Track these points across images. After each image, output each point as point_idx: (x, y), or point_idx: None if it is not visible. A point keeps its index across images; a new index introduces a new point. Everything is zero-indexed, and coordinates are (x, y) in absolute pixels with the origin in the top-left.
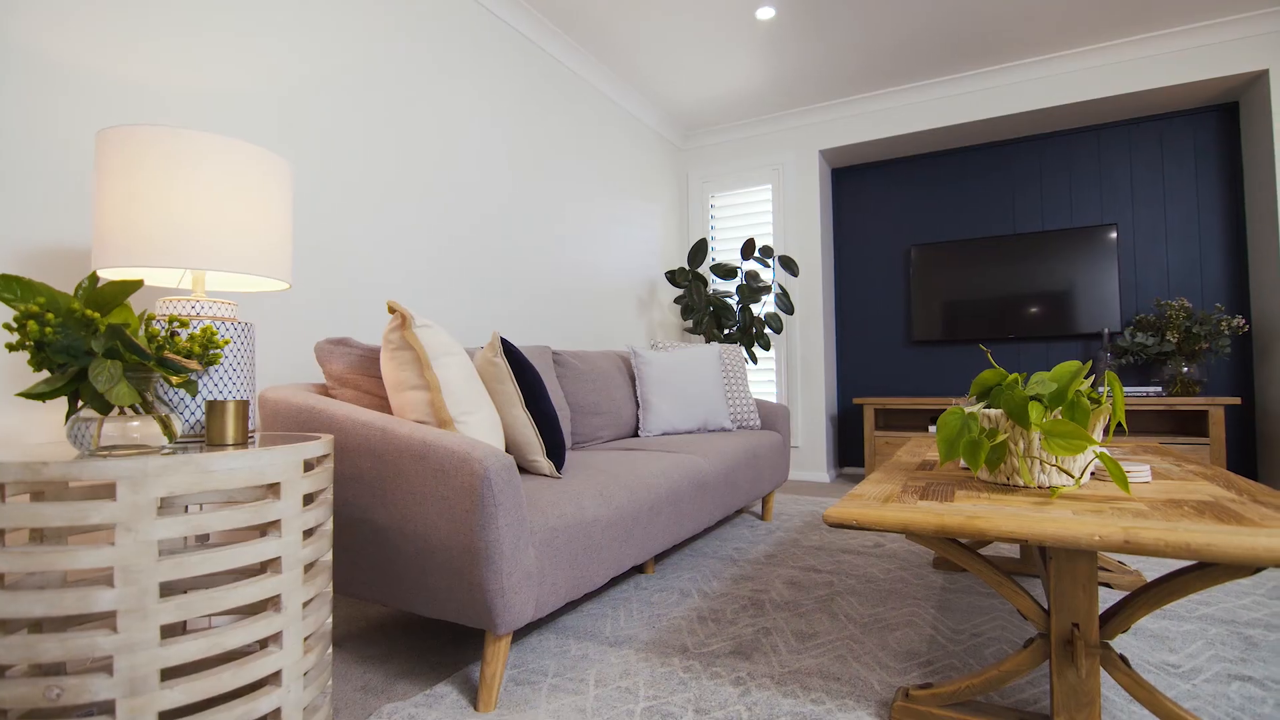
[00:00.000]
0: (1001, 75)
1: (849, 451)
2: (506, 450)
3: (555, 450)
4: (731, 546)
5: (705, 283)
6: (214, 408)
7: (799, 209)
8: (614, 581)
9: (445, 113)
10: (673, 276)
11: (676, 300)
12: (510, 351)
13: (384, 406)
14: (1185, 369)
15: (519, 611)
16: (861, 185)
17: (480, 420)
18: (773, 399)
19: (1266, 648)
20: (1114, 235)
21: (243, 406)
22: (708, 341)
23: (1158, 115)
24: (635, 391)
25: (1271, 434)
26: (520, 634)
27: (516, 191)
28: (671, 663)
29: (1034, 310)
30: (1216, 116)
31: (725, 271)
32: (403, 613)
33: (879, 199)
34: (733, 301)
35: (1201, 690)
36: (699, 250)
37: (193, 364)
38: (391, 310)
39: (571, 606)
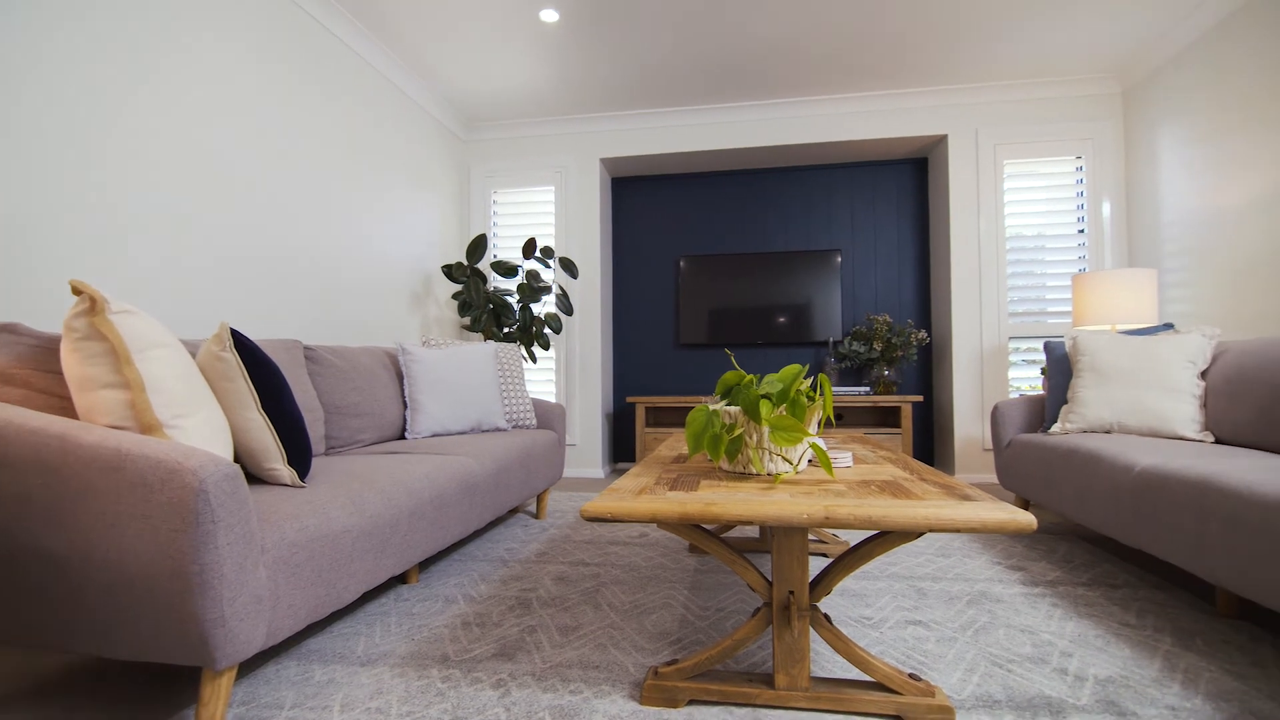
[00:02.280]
0: (757, 111)
1: (623, 448)
2: (236, 459)
3: (299, 456)
4: (503, 547)
5: (485, 280)
6: None
7: (580, 213)
8: (371, 595)
9: (195, 71)
10: (450, 271)
11: (454, 296)
12: (242, 344)
13: (67, 410)
14: (886, 372)
15: (245, 641)
16: (639, 196)
17: (199, 424)
18: (552, 398)
19: (933, 596)
20: (839, 259)
21: None
22: (487, 340)
23: (873, 162)
24: (403, 391)
25: (943, 424)
26: (252, 665)
27: (271, 166)
28: (430, 674)
29: (781, 320)
30: (912, 168)
31: (506, 269)
32: (94, 658)
33: (654, 210)
34: (513, 300)
35: (886, 636)
36: (478, 246)
37: None
38: (77, 291)
39: (318, 627)
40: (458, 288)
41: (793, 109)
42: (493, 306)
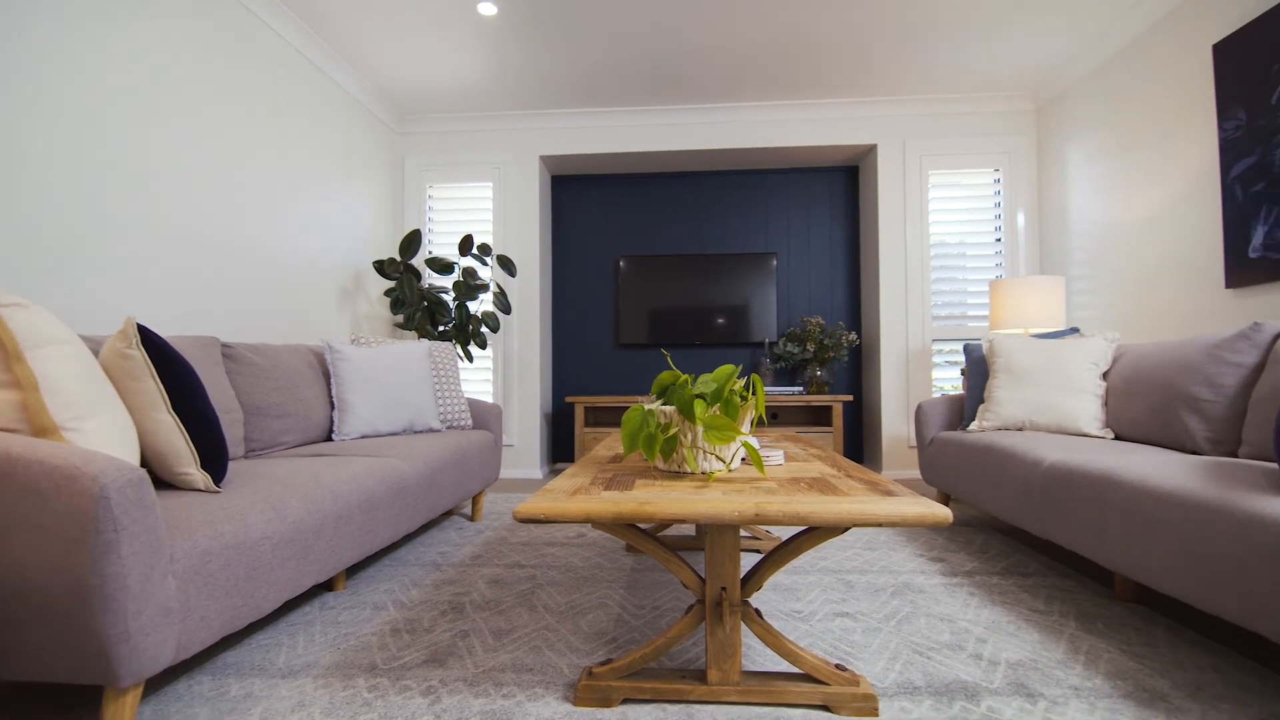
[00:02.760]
0: (697, 115)
1: (562, 448)
2: (143, 463)
3: (214, 459)
4: (437, 551)
5: (419, 276)
6: None
7: (519, 210)
8: (293, 604)
9: (92, 46)
10: (382, 267)
11: (387, 293)
12: (151, 341)
13: None
14: (819, 373)
15: (152, 656)
16: (579, 195)
17: (101, 426)
18: (489, 398)
19: (860, 588)
20: (775, 262)
21: None
22: (421, 338)
23: (807, 169)
24: (330, 391)
25: (872, 423)
26: (161, 681)
27: (185, 152)
28: (356, 684)
29: (720, 321)
30: (844, 175)
31: (441, 266)
32: None
33: (594, 210)
34: (449, 298)
35: (816, 628)
36: (412, 241)
37: None
38: None
39: (235, 639)
40: (390, 284)
41: (731, 114)
42: (427, 304)
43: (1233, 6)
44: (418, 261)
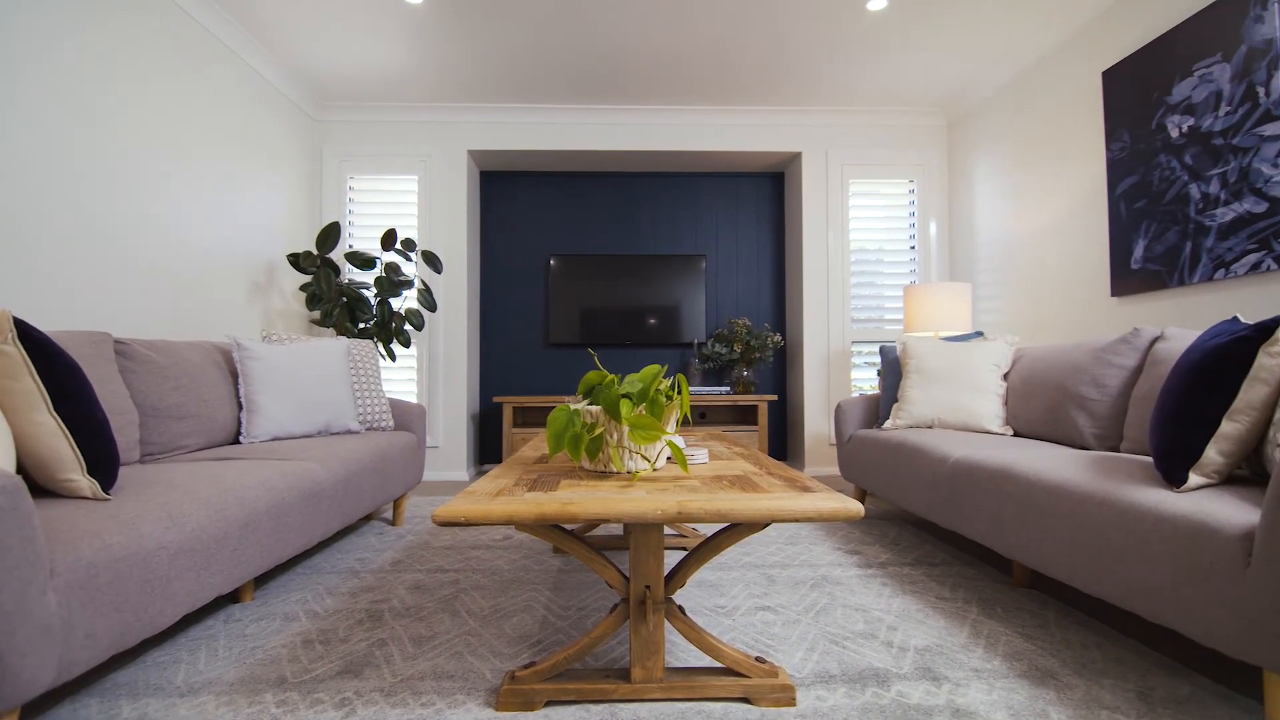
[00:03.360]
0: (629, 115)
1: (490, 449)
2: (20, 469)
3: (103, 465)
4: (354, 557)
5: (337, 271)
6: None
7: (446, 205)
8: (195, 617)
9: None
10: (297, 260)
11: (302, 288)
12: (30, 337)
13: None
14: (745, 373)
15: (29, 680)
16: (509, 191)
17: None
18: (413, 398)
19: (781, 582)
20: (704, 264)
21: None
22: (339, 336)
23: (736, 173)
24: (238, 391)
25: (795, 421)
26: (41, 706)
27: (78, 133)
28: (263, 699)
29: (652, 321)
30: (771, 181)
31: (363, 261)
32: None
33: (525, 207)
34: (370, 294)
35: (739, 623)
36: (330, 234)
37: None
38: None
39: (128, 657)
40: (306, 279)
41: (664, 117)
42: (346, 300)
43: (1120, 37)
44: (337, 255)
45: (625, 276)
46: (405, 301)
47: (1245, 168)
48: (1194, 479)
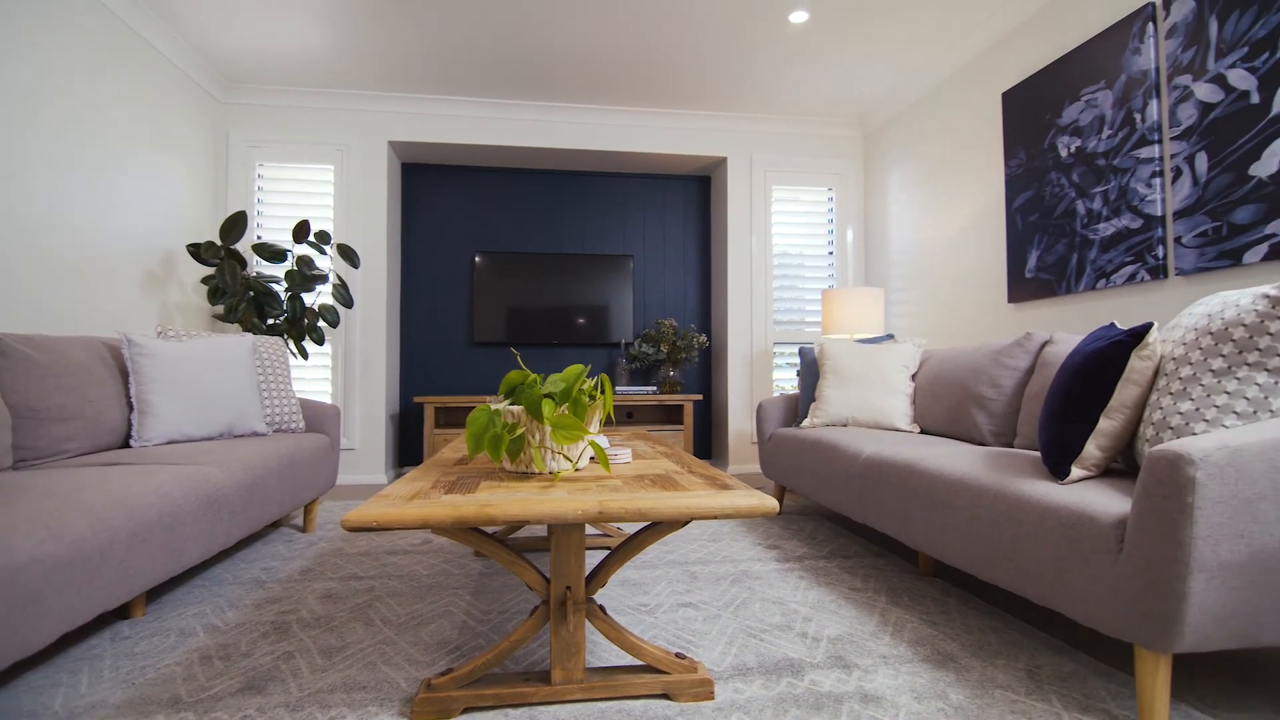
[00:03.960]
0: (558, 113)
1: (410, 451)
2: None
3: None
4: (260, 567)
5: (244, 263)
6: None
7: (365, 197)
8: (76, 636)
9: None
10: (198, 251)
11: (204, 281)
12: None
13: None
14: (672, 373)
15: None
16: (433, 185)
17: None
18: (328, 399)
19: (703, 578)
20: (632, 265)
21: None
22: (245, 332)
23: (664, 175)
24: (129, 390)
25: (720, 420)
26: None
27: None
28: None
29: (581, 321)
30: (698, 184)
31: (272, 253)
32: None
33: (449, 202)
34: (280, 288)
35: (661, 620)
36: (236, 224)
37: None
38: None
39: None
40: (209, 271)
41: (593, 115)
42: (254, 294)
43: (1018, 61)
44: (243, 247)
45: (553, 275)
46: (319, 297)
47: (1124, 187)
48: (1076, 472)
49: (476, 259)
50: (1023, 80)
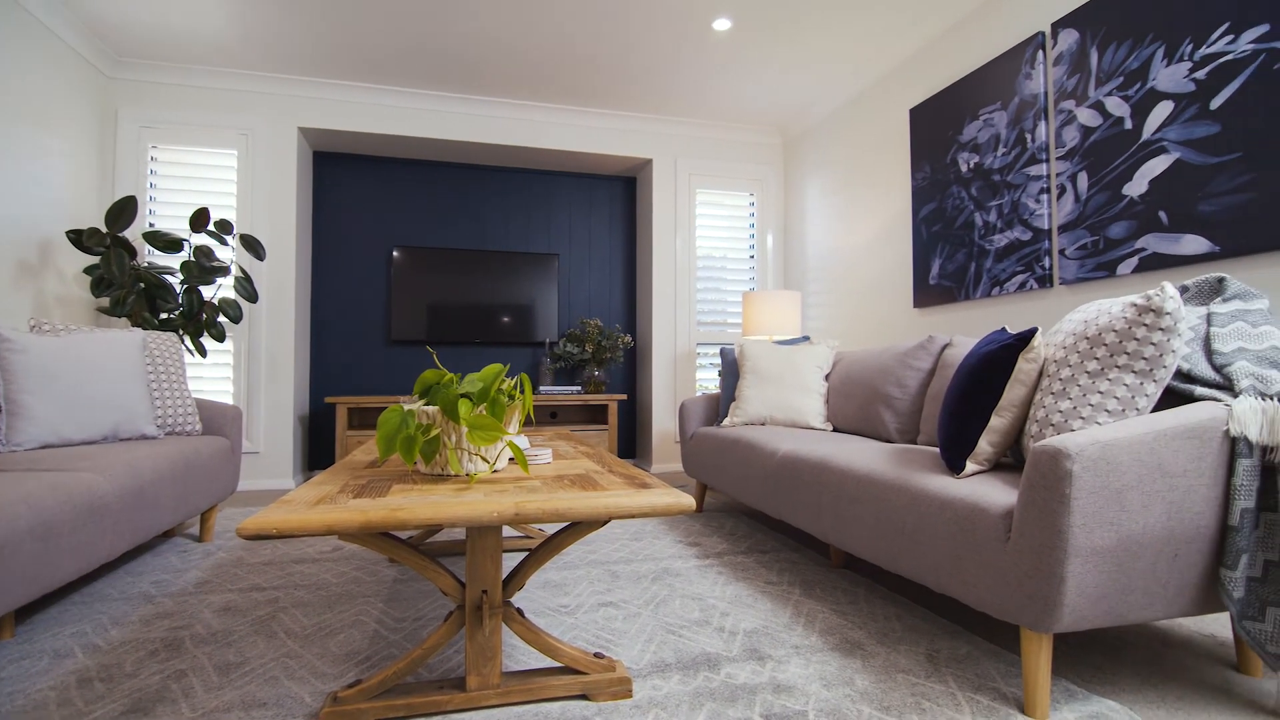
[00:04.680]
0: (483, 107)
1: (322, 455)
2: None
3: None
4: (150, 580)
5: (133, 253)
6: None
7: (272, 185)
8: None
9: None
10: (80, 239)
11: (88, 270)
12: None
13: None
14: (597, 373)
15: None
16: (349, 176)
17: None
18: (229, 399)
19: (624, 577)
20: (558, 264)
21: None
22: (135, 327)
23: (591, 174)
24: None
25: (644, 420)
26: None
27: None
28: None
29: (505, 319)
30: (624, 184)
31: (166, 243)
32: None
33: (366, 194)
34: (175, 280)
35: (581, 620)
36: (124, 210)
37: None
38: None
39: None
40: (93, 260)
41: (519, 111)
42: (145, 286)
43: (924, 79)
44: (133, 235)
45: (476, 272)
46: (220, 290)
47: (1016, 201)
48: (970, 467)
49: (395, 254)
50: (929, 98)
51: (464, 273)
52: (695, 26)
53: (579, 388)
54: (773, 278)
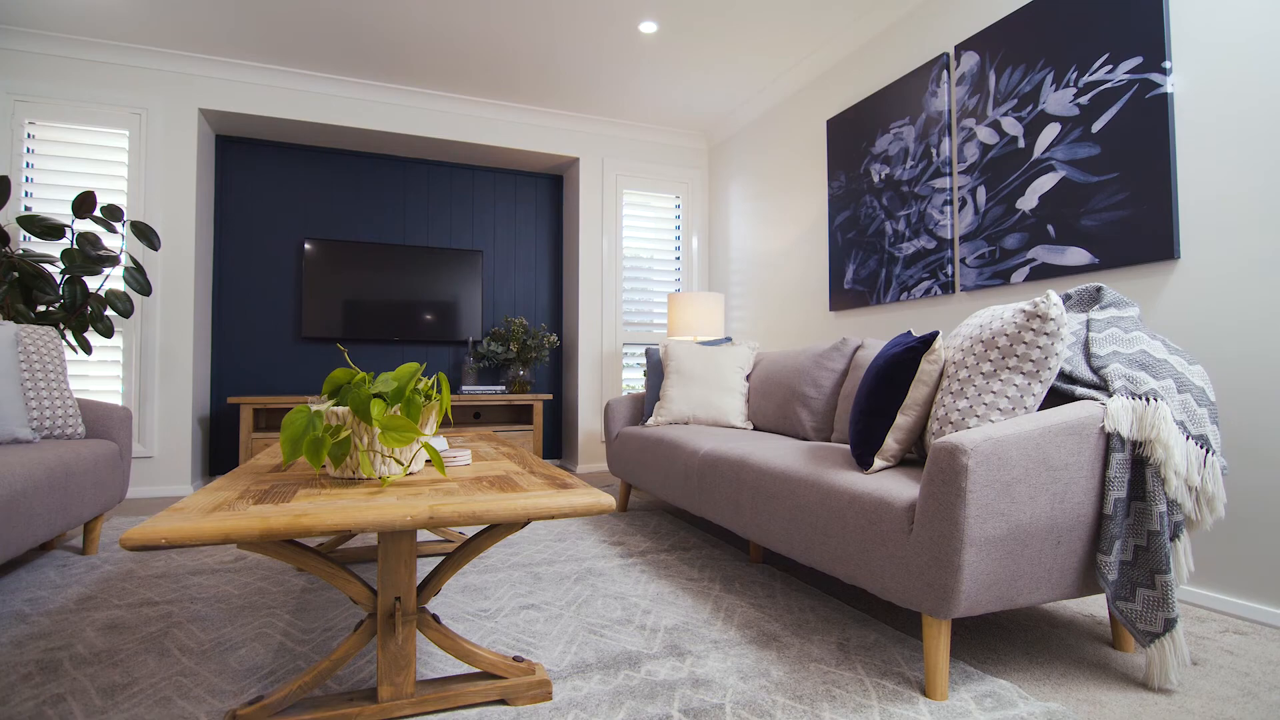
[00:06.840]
0: (403, 96)
1: (225, 458)
2: None
3: None
4: (24, 598)
5: (5, 238)
6: None
7: (168, 169)
8: None
9: None
10: None
11: None
12: None
13: None
14: (522, 372)
15: None
16: (255, 162)
17: None
18: (118, 399)
19: (547, 579)
20: (482, 261)
21: None
22: (7, 320)
23: (516, 171)
24: None
25: (570, 420)
26: None
27: None
28: None
29: (428, 317)
30: (550, 182)
31: (45, 229)
32: None
33: (274, 182)
34: (55, 270)
35: (501, 624)
36: None
37: None
38: None
39: None
40: None
41: (441, 103)
42: (19, 275)
43: (840, 92)
44: (5, 219)
45: (396, 268)
46: (107, 281)
47: (923, 212)
48: (878, 463)
49: (307, 246)
50: (844, 110)
51: (382, 268)
52: (622, 28)
53: (503, 387)
54: (698, 279)
